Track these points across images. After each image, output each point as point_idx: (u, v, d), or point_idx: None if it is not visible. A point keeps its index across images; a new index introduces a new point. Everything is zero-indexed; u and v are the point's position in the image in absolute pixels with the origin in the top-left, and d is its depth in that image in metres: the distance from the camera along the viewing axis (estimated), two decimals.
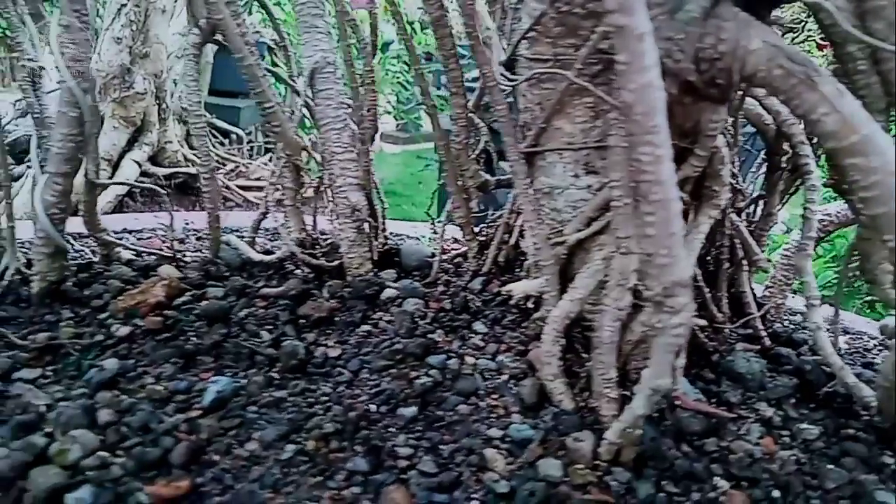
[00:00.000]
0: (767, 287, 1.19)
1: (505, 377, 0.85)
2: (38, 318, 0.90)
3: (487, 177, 1.05)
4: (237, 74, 0.90)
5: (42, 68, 1.02)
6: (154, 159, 3.56)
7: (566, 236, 0.83)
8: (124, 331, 0.87)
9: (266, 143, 4.28)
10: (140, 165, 3.40)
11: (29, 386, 0.79)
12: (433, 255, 1.12)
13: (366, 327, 0.93)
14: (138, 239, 1.55)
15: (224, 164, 3.85)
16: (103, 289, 0.94)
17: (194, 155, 3.71)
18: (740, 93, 0.94)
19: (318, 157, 1.04)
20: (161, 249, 1.14)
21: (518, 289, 0.91)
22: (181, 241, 1.61)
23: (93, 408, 0.75)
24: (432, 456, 0.74)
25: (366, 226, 1.02)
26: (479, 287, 1.04)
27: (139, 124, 3.42)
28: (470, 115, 0.99)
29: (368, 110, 1.02)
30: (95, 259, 1.03)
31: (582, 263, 0.85)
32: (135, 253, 1.04)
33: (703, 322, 0.94)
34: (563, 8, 0.73)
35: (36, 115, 1.00)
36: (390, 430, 0.77)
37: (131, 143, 3.42)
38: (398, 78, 5.49)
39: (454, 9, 0.96)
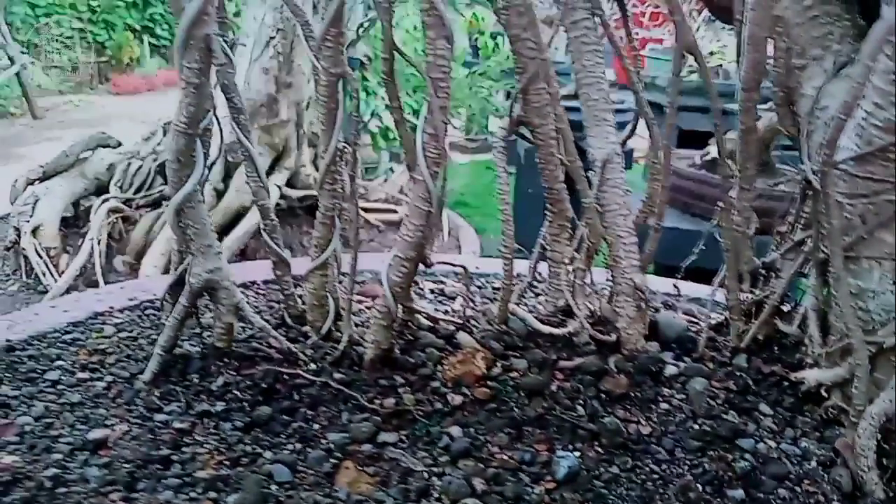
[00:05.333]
0: None
1: (813, 463, 0.92)
2: (372, 382, 1.02)
3: (758, 262, 1.12)
4: None
5: None
6: (289, 182, 3.75)
7: (883, 338, 0.89)
8: (458, 399, 0.98)
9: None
10: (280, 188, 3.60)
11: (400, 451, 0.90)
12: (688, 329, 1.21)
13: (664, 405, 1.02)
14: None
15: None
16: (424, 356, 1.06)
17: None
18: None
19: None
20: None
21: (811, 377, 0.98)
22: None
23: (469, 476, 0.85)
24: None
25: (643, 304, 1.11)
26: (744, 365, 1.12)
27: (281, 150, 3.63)
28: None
29: (651, 198, 1.11)
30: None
31: (887, 361, 0.92)
32: (431, 320, 1.15)
33: None
34: None
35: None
36: None
37: (272, 168, 3.62)
38: (481, 94, 5.59)
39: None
